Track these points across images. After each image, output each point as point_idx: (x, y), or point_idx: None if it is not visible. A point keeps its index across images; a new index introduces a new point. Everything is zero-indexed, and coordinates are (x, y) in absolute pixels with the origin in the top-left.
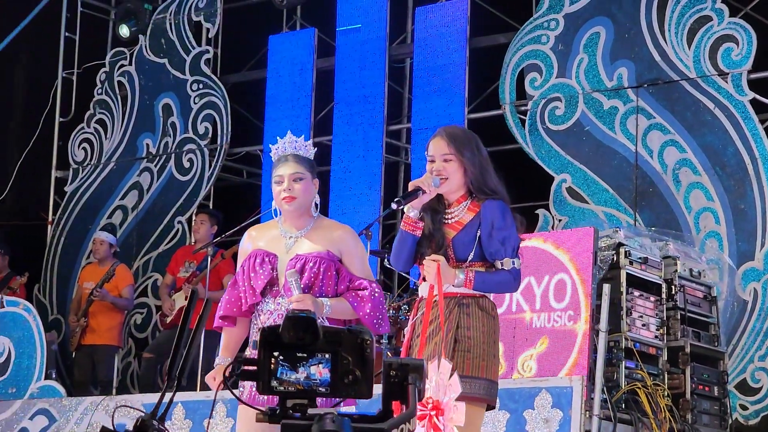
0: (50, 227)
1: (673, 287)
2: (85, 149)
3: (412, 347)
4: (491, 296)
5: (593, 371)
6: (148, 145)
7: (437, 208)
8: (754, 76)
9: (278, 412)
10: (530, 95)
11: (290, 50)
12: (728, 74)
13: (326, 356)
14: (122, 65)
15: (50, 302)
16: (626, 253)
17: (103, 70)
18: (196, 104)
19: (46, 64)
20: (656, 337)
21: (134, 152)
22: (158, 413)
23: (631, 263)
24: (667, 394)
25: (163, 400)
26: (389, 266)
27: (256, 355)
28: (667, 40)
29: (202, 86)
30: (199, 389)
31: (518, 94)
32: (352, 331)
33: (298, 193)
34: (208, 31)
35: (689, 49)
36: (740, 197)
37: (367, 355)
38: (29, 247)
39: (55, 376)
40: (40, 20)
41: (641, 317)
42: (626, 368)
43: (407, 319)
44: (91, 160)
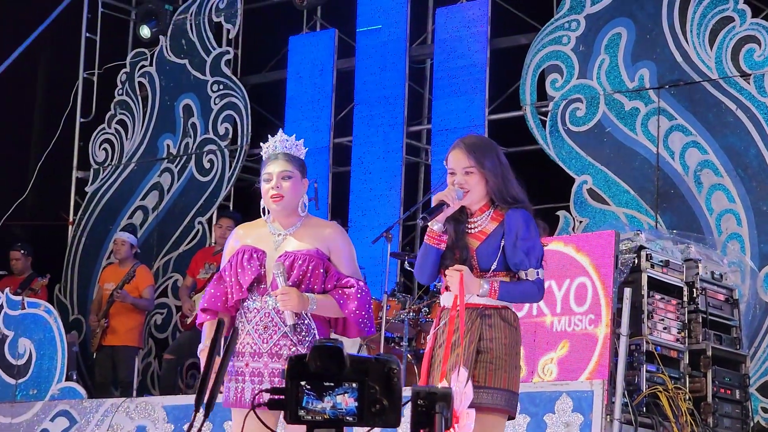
0: (71, 228)
1: (694, 290)
2: (105, 150)
3: (434, 356)
4: (513, 307)
5: (614, 375)
6: (168, 145)
7: (459, 218)
8: None
9: None
10: (551, 96)
11: (310, 51)
12: (750, 75)
13: (353, 385)
14: (143, 66)
15: (71, 303)
16: (647, 256)
17: (123, 70)
18: (216, 105)
19: (66, 64)
20: (677, 340)
21: (155, 153)
22: None
23: (652, 266)
24: (688, 397)
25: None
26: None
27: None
28: (688, 40)
29: (222, 87)
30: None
31: (539, 95)
32: (379, 360)
33: (286, 191)
34: (228, 31)
35: (711, 50)
36: (762, 199)
37: (394, 384)
38: (50, 247)
39: (75, 377)
40: (60, 21)
41: (662, 320)
42: (647, 372)
43: (427, 321)
44: (111, 160)
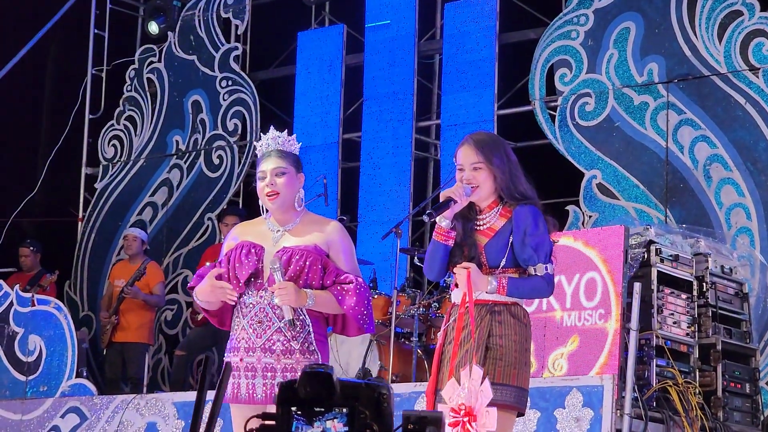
0: (80, 224)
1: (704, 284)
2: (114, 146)
3: (444, 353)
4: (523, 303)
5: (624, 370)
6: (177, 141)
7: (468, 215)
8: None
9: None
10: (560, 91)
11: (319, 47)
12: (759, 69)
13: (343, 410)
14: (151, 62)
15: (81, 299)
16: (657, 250)
17: (132, 67)
18: (225, 101)
19: (75, 61)
20: (687, 334)
21: (164, 149)
22: None
23: (662, 261)
24: (698, 391)
25: None
26: (419, 264)
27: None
28: (697, 35)
29: (231, 83)
30: None
31: (548, 89)
32: (369, 385)
33: (280, 187)
34: (236, 27)
35: (720, 44)
36: None
37: (384, 408)
38: (60, 244)
39: (86, 374)
40: (69, 18)
41: (672, 315)
42: (657, 366)
43: (437, 316)
44: (120, 156)
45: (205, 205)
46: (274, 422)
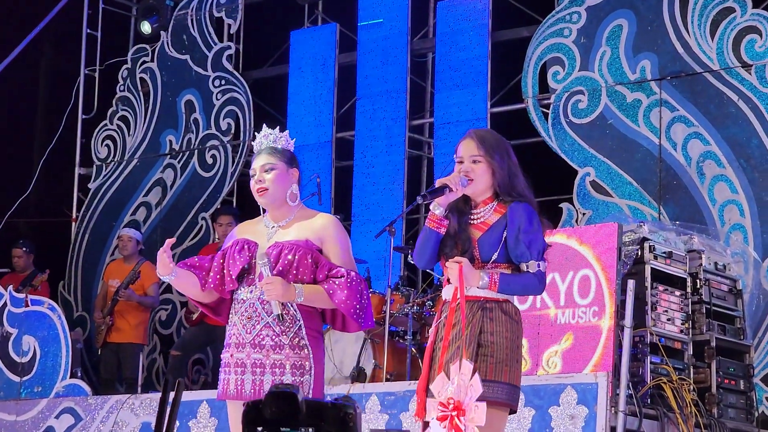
0: (74, 224)
1: (698, 281)
2: (108, 146)
3: (435, 350)
4: (515, 300)
5: (618, 367)
6: (171, 141)
7: (463, 209)
8: None
9: None
10: (553, 89)
11: (312, 45)
12: (752, 66)
13: (309, 430)
14: (144, 62)
15: (75, 299)
16: (651, 247)
17: (125, 66)
18: (218, 100)
19: (68, 61)
20: (681, 331)
21: (157, 149)
22: None
23: (655, 258)
24: (692, 388)
25: None
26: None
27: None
28: (690, 32)
29: (224, 82)
30: None
31: (541, 87)
32: (336, 405)
33: (269, 183)
34: (229, 27)
35: (712, 40)
36: (765, 189)
37: (350, 428)
38: (54, 244)
39: (80, 374)
40: (61, 17)
41: (666, 312)
42: (651, 363)
43: (431, 315)
44: (114, 156)
45: (198, 204)
46: None
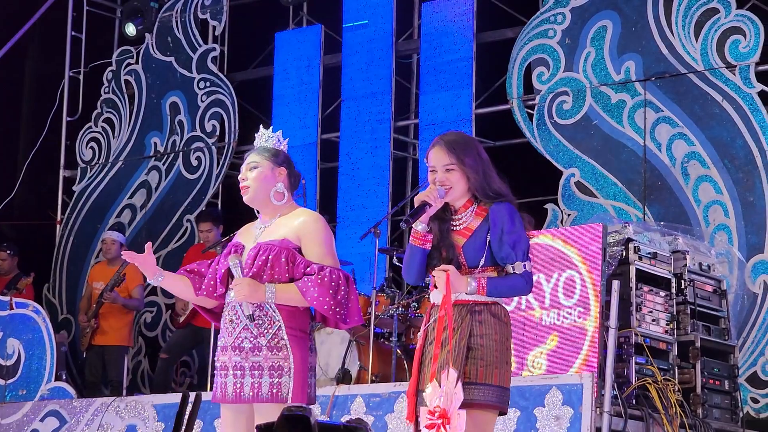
0: (59, 227)
1: (682, 281)
2: (92, 148)
3: (425, 354)
4: (503, 302)
5: (603, 368)
6: (155, 143)
7: (443, 216)
8: (761, 68)
9: None
10: (538, 89)
11: (297, 47)
12: (736, 66)
13: None
14: (129, 64)
15: (60, 302)
16: (635, 248)
17: (109, 68)
18: (203, 102)
19: (52, 63)
20: (666, 332)
21: (142, 151)
22: None
23: (640, 258)
24: (677, 388)
25: None
26: (398, 264)
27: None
28: (674, 32)
29: (209, 84)
30: (209, 389)
31: (526, 88)
32: (348, 428)
33: (250, 181)
34: (214, 28)
35: (696, 41)
36: (749, 190)
37: None
38: (38, 246)
39: (65, 377)
40: (45, 20)
41: (651, 312)
42: (636, 364)
43: (416, 317)
44: (99, 159)
45: (184, 206)
46: None
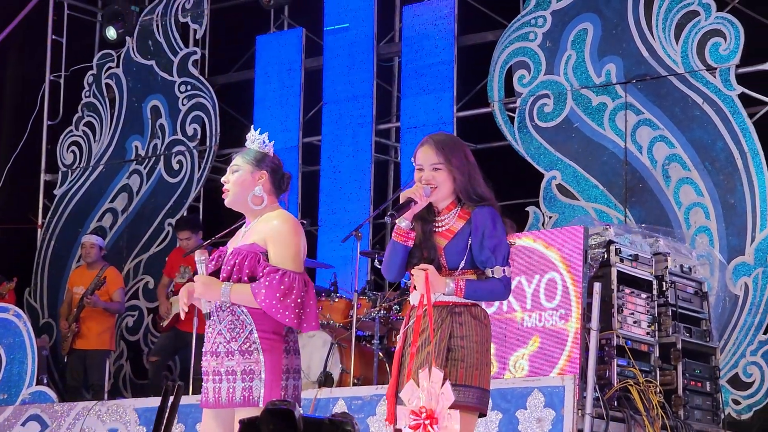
0: (40, 231)
1: (664, 283)
2: (73, 152)
3: (404, 355)
4: (483, 304)
5: (585, 370)
6: (137, 147)
7: (426, 216)
8: (742, 70)
9: None
10: (519, 92)
11: (278, 50)
12: (716, 69)
13: None
14: (110, 67)
15: (41, 306)
16: (617, 250)
17: (90, 72)
18: (184, 106)
19: (33, 67)
20: (648, 333)
21: (123, 155)
22: None
23: (621, 260)
24: (659, 390)
25: None
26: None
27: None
28: (654, 35)
29: (190, 87)
30: (191, 393)
31: (507, 91)
32: (333, 422)
33: (231, 185)
34: (195, 32)
35: (677, 44)
36: (730, 192)
37: None
38: (19, 251)
39: (46, 381)
40: (26, 23)
41: (632, 314)
42: (618, 366)
43: (398, 319)
44: (80, 163)
45: (165, 210)
46: None
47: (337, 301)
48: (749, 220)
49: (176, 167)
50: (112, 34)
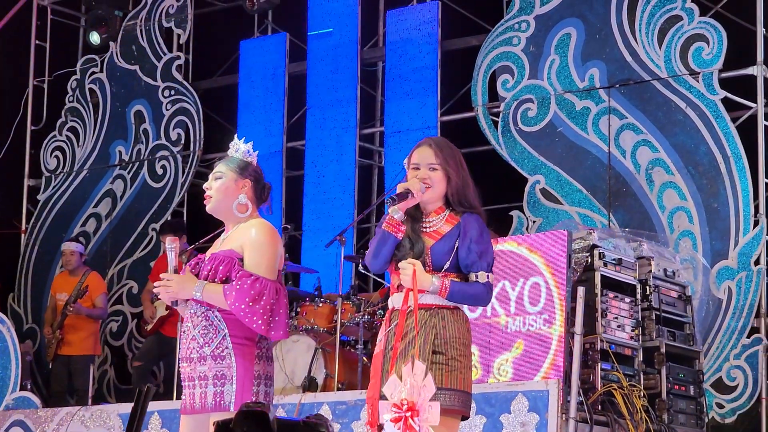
0: (23, 236)
1: (647, 288)
2: (57, 157)
3: (386, 358)
4: (465, 308)
5: (569, 374)
6: (120, 152)
7: (415, 215)
8: (725, 75)
9: None
10: (502, 97)
11: (262, 55)
12: (699, 73)
13: None
14: (93, 72)
15: (25, 312)
16: (600, 254)
17: (74, 77)
18: (168, 111)
19: (16, 72)
20: (631, 337)
21: (107, 160)
22: None
23: (605, 265)
24: (643, 394)
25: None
26: (364, 271)
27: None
28: (638, 40)
29: (174, 92)
30: (175, 398)
31: (490, 96)
32: (308, 423)
33: (213, 191)
34: (179, 37)
35: (660, 48)
36: (713, 196)
37: None
38: (3, 256)
39: (30, 386)
40: (9, 28)
41: (616, 318)
42: (602, 370)
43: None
44: (63, 168)
45: (149, 215)
46: None
47: (321, 306)
48: (732, 224)
49: (160, 172)
50: (95, 39)
